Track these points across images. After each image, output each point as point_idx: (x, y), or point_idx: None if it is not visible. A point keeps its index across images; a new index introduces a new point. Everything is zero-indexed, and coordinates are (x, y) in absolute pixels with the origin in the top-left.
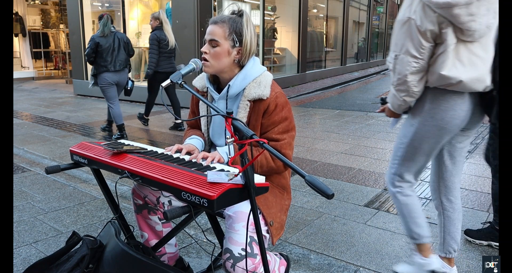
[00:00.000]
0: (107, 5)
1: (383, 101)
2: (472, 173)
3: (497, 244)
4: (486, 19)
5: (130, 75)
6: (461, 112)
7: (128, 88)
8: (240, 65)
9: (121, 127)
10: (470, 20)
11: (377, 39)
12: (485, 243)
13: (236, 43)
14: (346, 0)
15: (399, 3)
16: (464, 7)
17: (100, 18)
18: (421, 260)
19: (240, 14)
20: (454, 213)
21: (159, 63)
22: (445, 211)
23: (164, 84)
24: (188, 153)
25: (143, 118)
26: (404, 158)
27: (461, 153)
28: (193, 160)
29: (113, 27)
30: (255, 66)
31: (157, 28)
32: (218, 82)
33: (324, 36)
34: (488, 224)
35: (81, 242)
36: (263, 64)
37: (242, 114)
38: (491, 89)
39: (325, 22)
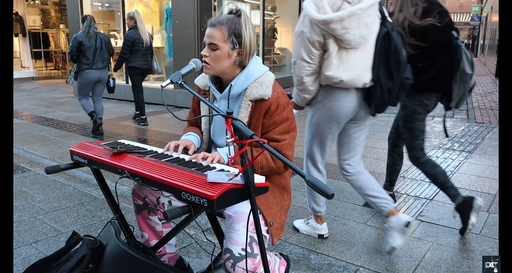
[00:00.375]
0: (107, 5)
1: (289, 97)
2: (472, 173)
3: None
4: (358, 31)
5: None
6: (345, 104)
7: (111, 85)
8: (242, 66)
9: (91, 114)
10: (345, 32)
11: None
12: (473, 219)
13: (236, 45)
14: None
15: None
16: (338, 23)
17: (83, 19)
18: (315, 225)
19: (238, 14)
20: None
21: (135, 59)
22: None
23: (164, 84)
24: (185, 148)
25: (141, 118)
26: (310, 140)
27: (354, 140)
28: (193, 160)
29: (96, 28)
30: (257, 66)
31: (133, 27)
32: (220, 82)
33: None
34: (457, 214)
35: (81, 242)
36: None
37: (243, 114)
38: (371, 86)
39: None
